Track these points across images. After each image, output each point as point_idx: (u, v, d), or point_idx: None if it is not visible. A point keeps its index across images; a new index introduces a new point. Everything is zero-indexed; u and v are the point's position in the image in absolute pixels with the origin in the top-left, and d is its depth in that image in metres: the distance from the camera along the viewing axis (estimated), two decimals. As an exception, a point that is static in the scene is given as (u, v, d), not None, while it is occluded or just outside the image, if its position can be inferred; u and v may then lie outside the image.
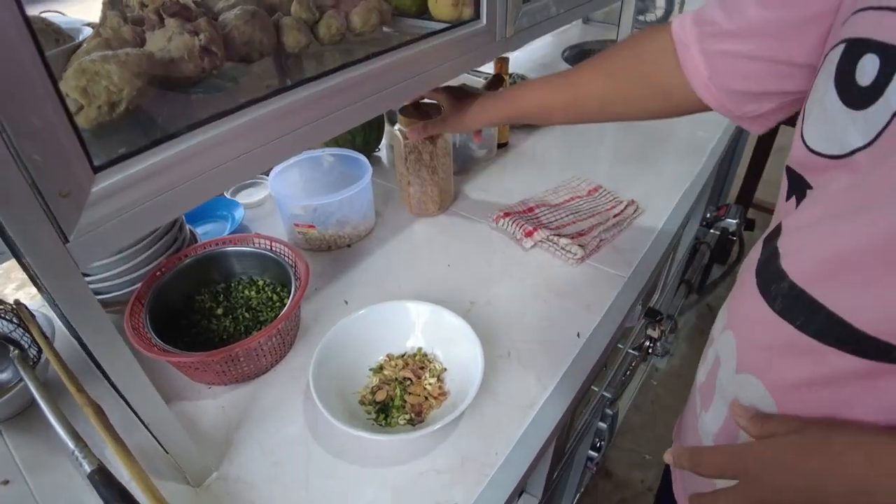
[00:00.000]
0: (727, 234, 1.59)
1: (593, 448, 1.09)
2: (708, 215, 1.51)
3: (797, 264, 0.37)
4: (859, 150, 0.33)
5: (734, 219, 1.50)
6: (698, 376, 0.56)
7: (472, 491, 0.57)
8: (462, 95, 0.78)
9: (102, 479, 0.54)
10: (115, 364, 0.45)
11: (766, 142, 2.13)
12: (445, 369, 0.68)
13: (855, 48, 0.34)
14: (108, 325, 0.43)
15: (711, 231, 1.61)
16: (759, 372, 0.42)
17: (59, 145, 0.36)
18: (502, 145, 1.19)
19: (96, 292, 0.76)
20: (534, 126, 1.29)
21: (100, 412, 0.60)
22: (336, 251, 0.91)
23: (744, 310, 0.45)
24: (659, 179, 1.08)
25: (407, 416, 0.62)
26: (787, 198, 0.43)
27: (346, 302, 0.81)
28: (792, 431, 0.37)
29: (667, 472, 0.78)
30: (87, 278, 0.74)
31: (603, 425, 1.05)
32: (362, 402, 0.64)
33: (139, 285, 0.72)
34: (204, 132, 0.45)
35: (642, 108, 0.63)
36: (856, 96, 0.33)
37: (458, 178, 1.09)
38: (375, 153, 1.16)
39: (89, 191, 0.39)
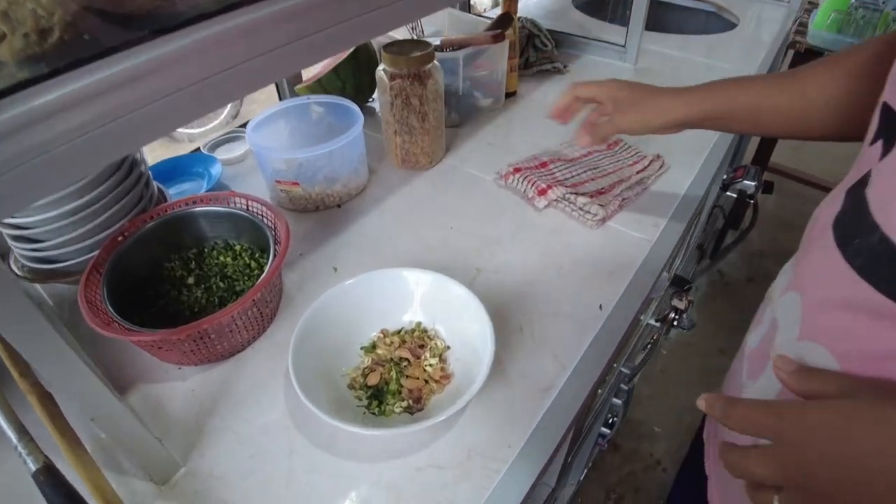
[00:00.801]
0: (744, 197, 1.49)
1: (606, 425, 1.02)
2: (724, 177, 1.42)
3: (892, 215, 0.32)
4: None
5: (752, 181, 1.40)
6: (748, 341, 0.50)
7: (481, 490, 0.49)
8: (635, 88, 0.65)
9: (48, 479, 0.46)
10: (37, 347, 0.36)
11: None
12: (448, 348, 0.58)
13: None
14: (20, 298, 0.34)
15: (727, 194, 1.52)
16: (827, 340, 0.37)
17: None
18: (510, 95, 1.08)
19: (49, 260, 0.66)
20: (545, 73, 1.17)
21: (47, 399, 0.51)
22: (324, 211, 0.81)
23: (815, 267, 0.40)
24: (681, 135, 0.97)
25: (404, 404, 0.53)
26: (873, 141, 0.36)
27: (336, 269, 0.71)
28: (843, 393, 0.33)
29: (695, 443, 0.71)
30: (38, 244, 0.64)
31: (618, 402, 0.97)
32: (352, 387, 0.56)
33: (98, 252, 0.63)
34: (136, 55, 0.35)
35: None
36: None
37: (462, 131, 0.98)
38: (369, 103, 1.05)
39: (-25, 126, 0.29)
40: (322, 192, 0.79)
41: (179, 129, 2.87)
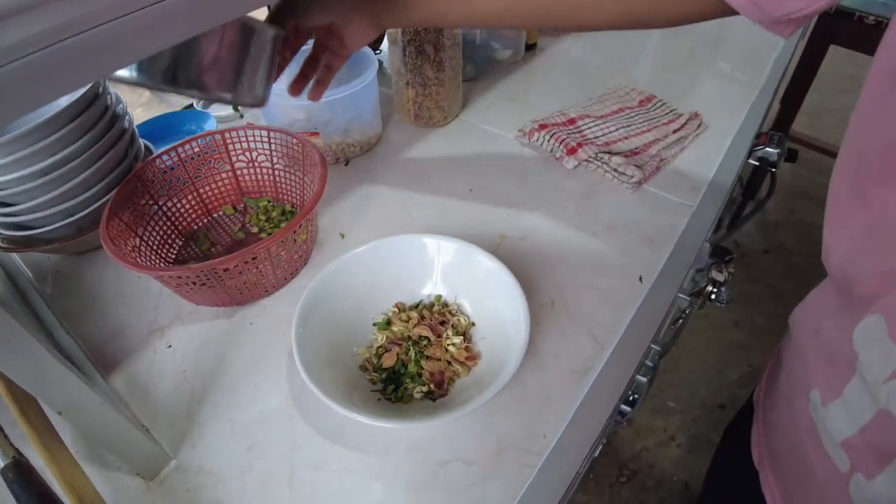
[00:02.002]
0: (766, 165, 1.41)
1: (627, 402, 0.96)
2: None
3: None
4: None
5: (775, 148, 1.31)
6: (835, 423, 0.37)
7: (514, 487, 0.43)
8: None
9: (18, 476, 0.40)
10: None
11: (808, 65, 1.89)
12: (473, 325, 0.51)
13: None
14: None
15: (748, 161, 1.43)
16: None
17: None
18: (530, 47, 0.99)
19: (24, 226, 0.59)
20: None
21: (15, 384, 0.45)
22: (331, 167, 0.73)
23: None
24: (718, 91, 0.89)
25: (424, 388, 0.47)
26: None
27: (343, 235, 0.64)
28: None
29: (733, 429, 0.64)
30: (10, 208, 0.57)
31: (643, 380, 0.91)
32: (365, 368, 0.49)
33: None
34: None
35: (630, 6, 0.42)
36: None
37: (478, 85, 0.90)
38: (375, 54, 0.96)
39: None
40: (342, 142, 0.72)
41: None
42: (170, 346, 0.54)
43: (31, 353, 0.32)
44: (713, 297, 0.77)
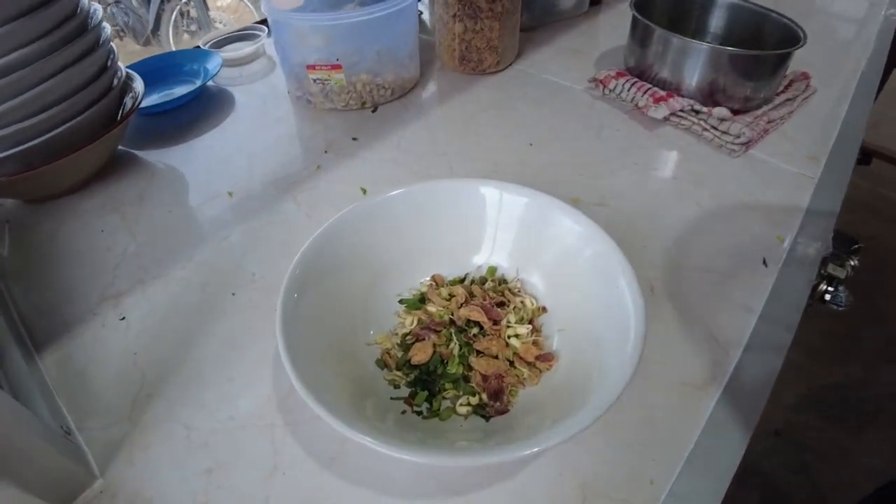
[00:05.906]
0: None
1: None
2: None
3: None
4: None
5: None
6: None
7: (608, 562, 0.27)
8: None
9: None
10: None
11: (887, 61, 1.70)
12: (544, 310, 0.36)
13: None
14: None
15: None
16: None
17: None
18: (595, 2, 0.84)
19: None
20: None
21: None
22: (355, 113, 0.59)
23: None
24: (820, 56, 0.73)
25: (474, 399, 0.31)
26: None
27: (365, 191, 0.49)
28: None
29: None
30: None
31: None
32: (384, 364, 0.34)
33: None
34: None
35: None
36: None
37: (536, 36, 0.75)
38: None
39: None
40: (370, 82, 0.57)
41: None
42: (123, 319, 0.40)
43: None
44: (829, 297, 0.60)
